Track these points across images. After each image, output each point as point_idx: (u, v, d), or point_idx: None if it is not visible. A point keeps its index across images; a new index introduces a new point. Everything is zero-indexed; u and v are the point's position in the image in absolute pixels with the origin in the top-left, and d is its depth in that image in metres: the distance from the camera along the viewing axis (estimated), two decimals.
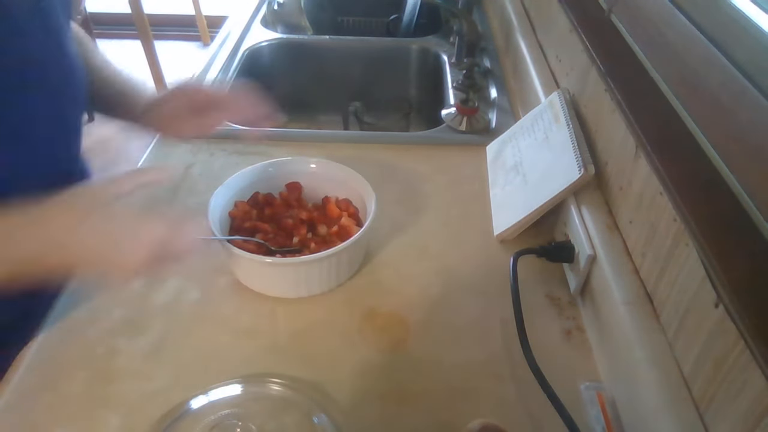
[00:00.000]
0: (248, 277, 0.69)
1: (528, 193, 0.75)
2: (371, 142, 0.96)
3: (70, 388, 0.58)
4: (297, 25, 1.39)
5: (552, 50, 0.97)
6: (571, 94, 0.83)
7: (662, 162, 0.53)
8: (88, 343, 0.62)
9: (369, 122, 1.29)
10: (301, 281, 0.67)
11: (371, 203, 0.71)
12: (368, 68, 1.32)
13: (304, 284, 0.67)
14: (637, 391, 0.52)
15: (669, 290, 0.53)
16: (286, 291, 0.68)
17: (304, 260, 0.65)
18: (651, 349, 0.52)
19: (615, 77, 0.66)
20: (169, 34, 3.30)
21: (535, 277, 0.71)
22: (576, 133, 0.73)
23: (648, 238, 0.57)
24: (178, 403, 0.56)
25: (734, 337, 0.42)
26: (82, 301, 0.67)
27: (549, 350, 0.62)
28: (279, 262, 0.65)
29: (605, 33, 0.74)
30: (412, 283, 0.71)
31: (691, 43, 0.56)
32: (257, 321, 0.66)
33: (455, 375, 0.60)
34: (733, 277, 0.41)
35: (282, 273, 0.67)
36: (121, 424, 0.55)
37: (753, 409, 0.40)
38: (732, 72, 0.49)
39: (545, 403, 0.54)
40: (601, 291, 0.62)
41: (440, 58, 1.24)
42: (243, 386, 0.57)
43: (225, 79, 1.12)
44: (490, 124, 1.00)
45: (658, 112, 0.58)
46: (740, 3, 0.52)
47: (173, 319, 0.65)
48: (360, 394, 0.58)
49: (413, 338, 0.64)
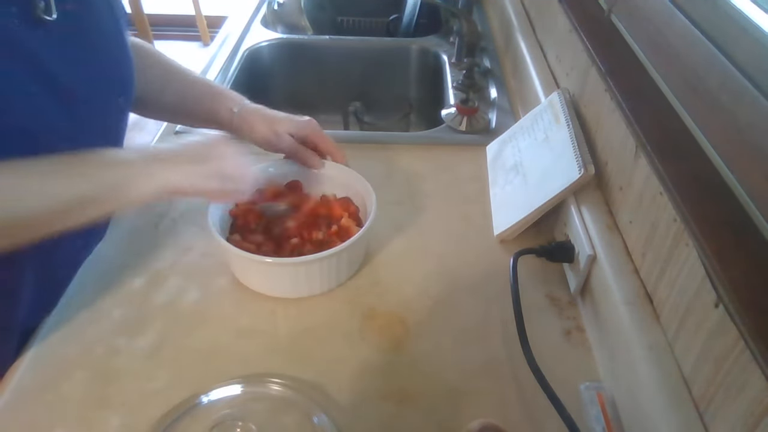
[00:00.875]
0: (247, 276, 0.69)
1: (528, 193, 0.75)
2: (371, 142, 0.96)
3: (70, 388, 0.58)
4: (297, 25, 1.39)
5: (552, 50, 0.97)
6: (571, 94, 0.83)
7: (662, 162, 0.53)
8: (88, 343, 0.62)
9: (369, 122, 1.29)
10: (302, 281, 0.67)
11: (371, 203, 0.71)
12: (368, 68, 1.32)
13: (305, 284, 0.67)
14: (637, 391, 0.52)
15: (669, 290, 0.53)
16: (285, 291, 0.68)
17: (304, 260, 0.64)
18: (651, 349, 0.52)
19: (615, 77, 0.65)
20: (169, 34, 3.30)
21: (535, 277, 0.71)
22: (576, 133, 0.73)
23: (648, 238, 0.57)
24: (178, 403, 0.56)
25: (734, 337, 0.42)
26: (83, 301, 0.67)
27: (549, 350, 0.62)
28: (279, 261, 0.65)
29: (605, 33, 0.74)
30: (412, 283, 0.71)
31: (691, 43, 0.56)
32: (257, 321, 0.65)
33: (455, 375, 0.60)
34: (733, 277, 0.41)
35: (282, 273, 0.66)
36: (121, 424, 0.55)
37: (753, 409, 0.40)
38: (732, 72, 0.49)
39: (545, 403, 0.54)
40: (601, 291, 0.62)
41: (440, 58, 1.24)
42: (243, 386, 0.57)
43: (225, 79, 1.12)
44: (490, 124, 1.00)
45: (658, 112, 0.58)
46: (740, 3, 0.52)
47: (173, 319, 0.65)
48: (360, 394, 0.58)
49: (413, 338, 0.64)
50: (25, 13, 0.51)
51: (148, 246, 0.74)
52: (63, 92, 0.56)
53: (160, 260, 0.72)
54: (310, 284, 0.67)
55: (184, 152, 0.62)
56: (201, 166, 0.61)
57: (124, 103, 0.68)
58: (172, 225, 0.77)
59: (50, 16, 0.53)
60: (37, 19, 0.52)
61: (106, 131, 0.66)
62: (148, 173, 0.56)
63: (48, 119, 0.55)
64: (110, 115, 0.66)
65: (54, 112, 0.56)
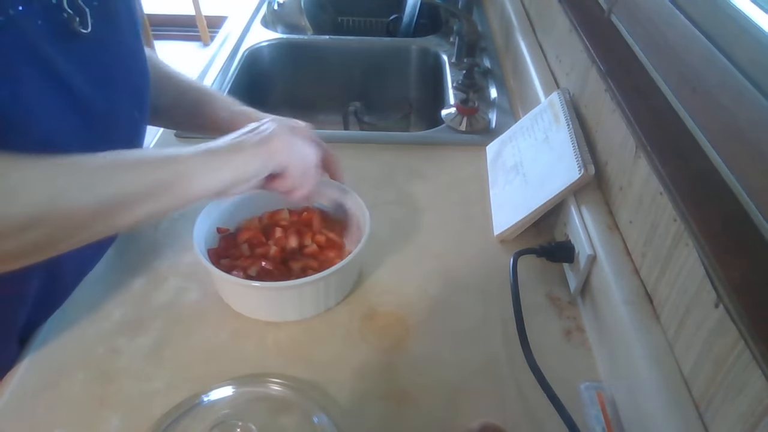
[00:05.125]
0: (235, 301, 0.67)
1: (528, 193, 0.75)
2: (371, 142, 0.96)
3: (70, 388, 0.58)
4: (297, 25, 1.39)
5: (552, 50, 0.97)
6: (571, 94, 0.83)
7: (662, 162, 0.53)
8: (88, 343, 0.62)
9: (369, 122, 1.29)
10: (287, 306, 0.64)
11: (365, 224, 0.67)
12: (368, 68, 1.32)
13: (291, 309, 0.65)
14: (637, 391, 0.52)
15: (669, 290, 0.53)
16: (270, 315, 0.65)
17: (287, 285, 0.61)
18: (651, 349, 0.52)
19: (615, 77, 0.66)
20: (169, 34, 3.30)
21: (535, 277, 0.71)
22: (576, 133, 0.73)
23: (648, 238, 0.57)
24: (178, 403, 0.56)
25: (734, 337, 0.42)
26: (83, 301, 0.67)
27: (549, 350, 0.62)
28: (264, 286, 0.62)
29: (605, 33, 0.74)
30: (412, 283, 0.71)
31: (691, 43, 0.56)
32: (257, 321, 0.65)
33: (455, 375, 0.60)
34: (733, 277, 0.41)
35: (265, 297, 0.64)
36: (121, 424, 0.55)
37: (753, 409, 0.40)
38: (732, 72, 0.49)
39: (545, 403, 0.54)
40: (601, 291, 0.62)
41: (440, 58, 1.24)
42: (243, 386, 0.57)
43: (225, 79, 1.12)
44: (490, 124, 1.00)
45: (658, 112, 0.58)
46: (740, 3, 0.52)
47: (173, 319, 0.65)
48: (360, 394, 0.58)
49: (413, 338, 0.64)
50: (62, 26, 0.51)
51: (148, 246, 0.74)
52: (83, 105, 0.56)
53: (160, 260, 0.72)
54: (302, 308, 0.65)
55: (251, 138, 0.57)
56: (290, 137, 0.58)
57: (140, 116, 0.67)
58: (172, 225, 0.77)
59: (86, 29, 0.53)
60: (73, 32, 0.52)
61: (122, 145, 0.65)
62: (212, 168, 0.53)
63: (68, 132, 0.54)
64: (125, 128, 0.65)
65: (74, 125, 0.55)
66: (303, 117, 0.69)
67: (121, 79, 0.61)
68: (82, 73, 0.55)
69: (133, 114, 0.66)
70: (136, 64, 0.65)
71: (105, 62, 0.58)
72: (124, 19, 0.61)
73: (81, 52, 0.54)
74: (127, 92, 0.63)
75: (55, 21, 0.51)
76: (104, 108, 0.58)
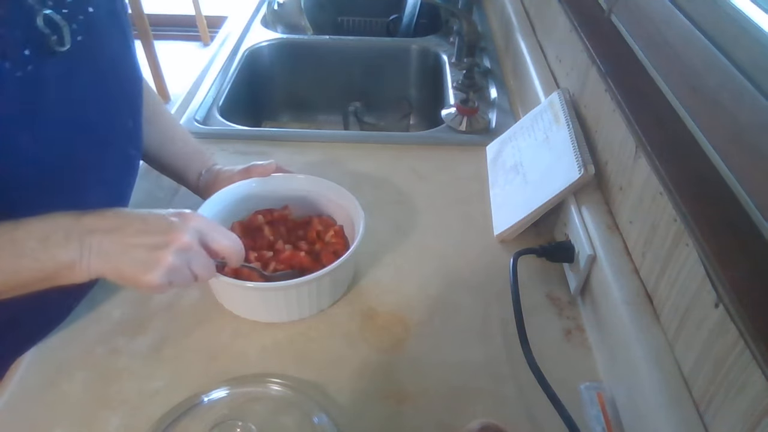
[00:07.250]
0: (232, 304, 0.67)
1: (528, 193, 0.75)
2: (371, 142, 0.96)
3: (70, 388, 0.58)
4: (297, 25, 1.39)
5: (552, 50, 0.97)
6: (571, 94, 0.83)
7: (662, 162, 0.53)
8: (88, 343, 0.62)
9: (369, 122, 1.29)
10: (282, 306, 0.64)
11: (359, 224, 0.67)
12: (368, 68, 1.32)
13: (285, 310, 0.64)
14: (637, 391, 0.52)
15: (669, 290, 0.53)
16: (263, 316, 0.65)
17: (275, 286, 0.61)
18: (651, 349, 0.52)
19: (615, 77, 0.66)
20: (169, 34, 3.30)
21: (535, 277, 0.71)
22: (576, 133, 0.73)
23: (648, 238, 0.57)
24: (178, 403, 0.56)
25: (734, 337, 0.42)
26: (83, 302, 0.67)
27: (549, 350, 0.62)
28: (260, 287, 0.61)
29: (605, 33, 0.74)
30: (412, 283, 0.71)
31: (691, 43, 0.56)
32: (257, 321, 0.65)
33: (455, 375, 0.60)
34: (733, 277, 0.41)
35: (260, 297, 0.64)
36: (121, 424, 0.55)
37: (753, 409, 0.40)
38: (732, 72, 0.49)
39: (545, 403, 0.54)
40: (601, 291, 0.62)
41: (440, 58, 1.24)
42: (243, 386, 0.57)
43: (225, 79, 1.12)
44: (490, 124, 1.00)
45: (658, 112, 0.58)
46: (740, 3, 0.52)
47: (173, 319, 0.65)
48: (360, 394, 0.58)
49: (413, 338, 0.64)
50: (39, 47, 0.50)
51: None
52: (74, 119, 0.55)
53: None
54: (290, 310, 0.64)
55: (136, 222, 0.52)
56: (154, 237, 0.51)
57: (134, 126, 0.66)
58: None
59: (63, 47, 0.52)
60: (50, 51, 0.51)
61: (117, 159, 0.65)
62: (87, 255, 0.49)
63: (57, 147, 0.54)
64: (119, 139, 0.65)
65: (64, 141, 0.55)
66: (303, 117, 0.69)
67: (109, 89, 0.61)
68: (68, 88, 0.54)
69: (126, 123, 0.65)
70: (126, 71, 0.64)
71: (90, 74, 0.57)
72: (110, 28, 0.60)
73: (63, 68, 0.53)
74: (117, 101, 0.63)
75: (37, 40, 0.50)
76: (94, 120, 0.58)
